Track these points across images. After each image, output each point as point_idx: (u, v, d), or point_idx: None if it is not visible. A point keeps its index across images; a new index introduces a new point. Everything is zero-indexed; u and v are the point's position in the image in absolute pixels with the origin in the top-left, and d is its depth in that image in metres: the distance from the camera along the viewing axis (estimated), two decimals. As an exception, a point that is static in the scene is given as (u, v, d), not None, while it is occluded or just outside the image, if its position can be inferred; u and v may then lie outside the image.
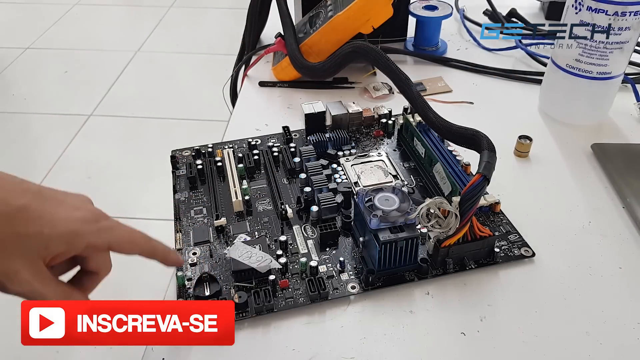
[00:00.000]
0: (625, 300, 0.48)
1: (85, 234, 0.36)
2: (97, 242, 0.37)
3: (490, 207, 0.56)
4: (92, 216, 0.37)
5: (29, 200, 0.35)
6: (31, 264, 0.34)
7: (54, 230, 0.35)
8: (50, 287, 0.36)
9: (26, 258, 0.34)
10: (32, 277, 0.34)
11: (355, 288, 0.48)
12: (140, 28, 2.56)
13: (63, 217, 0.35)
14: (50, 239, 0.35)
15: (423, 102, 0.56)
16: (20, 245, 0.34)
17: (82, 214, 0.37)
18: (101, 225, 0.37)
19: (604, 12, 0.60)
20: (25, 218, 0.34)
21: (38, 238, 0.34)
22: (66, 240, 0.35)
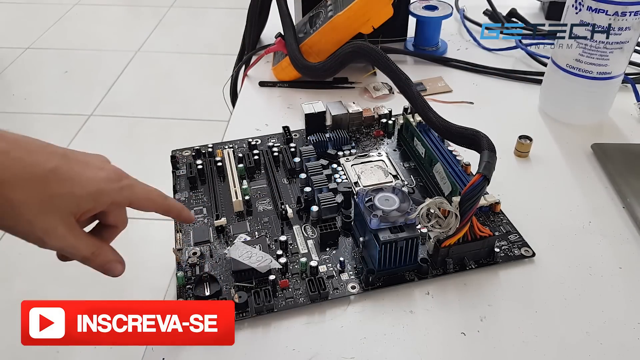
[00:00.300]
0: (625, 300, 0.48)
1: (109, 192, 0.39)
2: (120, 199, 0.40)
3: (491, 207, 0.56)
4: (115, 176, 0.40)
5: (58, 163, 0.37)
6: (66, 220, 0.37)
7: (83, 190, 0.38)
8: (83, 240, 0.39)
9: (61, 215, 0.37)
10: (67, 232, 0.38)
11: (355, 288, 0.48)
12: (140, 28, 2.56)
13: (90, 178, 0.39)
14: (81, 198, 0.38)
15: (423, 102, 0.56)
16: (56, 205, 0.37)
17: (106, 173, 0.40)
18: (123, 183, 0.41)
19: (604, 12, 0.60)
20: (57, 179, 0.37)
21: (70, 197, 0.37)
22: (93, 198, 0.39)
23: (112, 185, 0.40)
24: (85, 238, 0.40)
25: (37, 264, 1.40)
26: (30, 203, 0.36)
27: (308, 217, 0.56)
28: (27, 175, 0.36)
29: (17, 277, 1.39)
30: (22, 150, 0.36)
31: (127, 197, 0.41)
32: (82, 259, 0.40)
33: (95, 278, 0.45)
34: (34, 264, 1.41)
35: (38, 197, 0.36)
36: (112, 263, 0.42)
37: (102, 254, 0.41)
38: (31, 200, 0.36)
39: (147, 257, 1.27)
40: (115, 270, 0.42)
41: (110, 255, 0.42)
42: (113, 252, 0.42)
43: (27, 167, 0.36)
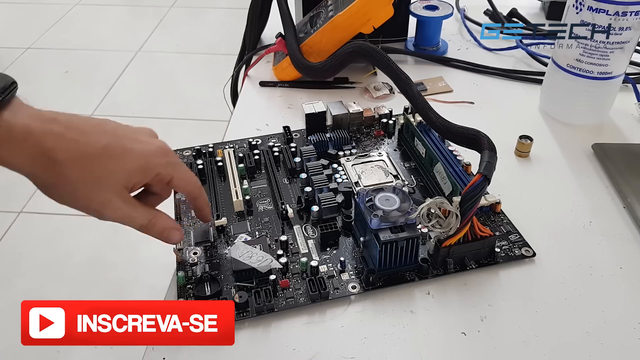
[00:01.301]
0: (625, 300, 0.48)
1: (156, 166, 0.42)
2: (164, 173, 0.43)
3: (491, 207, 0.56)
4: (161, 151, 0.43)
5: (109, 141, 0.40)
6: (120, 193, 0.40)
7: (133, 164, 0.41)
8: (138, 210, 0.42)
9: (116, 189, 0.40)
10: (123, 204, 0.41)
11: (355, 288, 0.48)
12: (141, 28, 2.57)
13: (139, 152, 0.41)
14: (131, 172, 0.41)
15: (424, 102, 0.56)
16: (110, 179, 0.40)
17: (154, 148, 0.43)
18: (169, 160, 0.44)
19: (605, 12, 0.60)
20: (110, 155, 0.40)
21: (122, 172, 0.40)
22: (142, 171, 0.42)
23: (159, 160, 0.42)
24: (141, 208, 0.42)
25: (37, 264, 1.40)
26: (86, 180, 0.39)
27: (308, 217, 0.56)
28: (81, 155, 0.38)
29: (17, 277, 1.39)
30: (76, 132, 0.39)
31: (170, 173, 0.43)
32: (139, 228, 0.43)
33: (95, 278, 0.46)
34: (34, 264, 1.41)
35: (93, 174, 0.39)
36: (170, 230, 0.44)
37: (159, 222, 0.44)
38: (87, 177, 0.39)
39: (147, 257, 1.27)
40: (173, 237, 0.45)
41: (167, 222, 0.45)
42: (169, 220, 0.45)
43: (81, 147, 0.38)
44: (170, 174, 0.43)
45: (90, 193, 0.39)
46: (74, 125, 0.39)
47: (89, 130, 0.40)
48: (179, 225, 0.45)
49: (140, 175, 0.42)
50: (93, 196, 0.39)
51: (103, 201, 0.40)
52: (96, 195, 0.39)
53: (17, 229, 1.51)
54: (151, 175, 0.42)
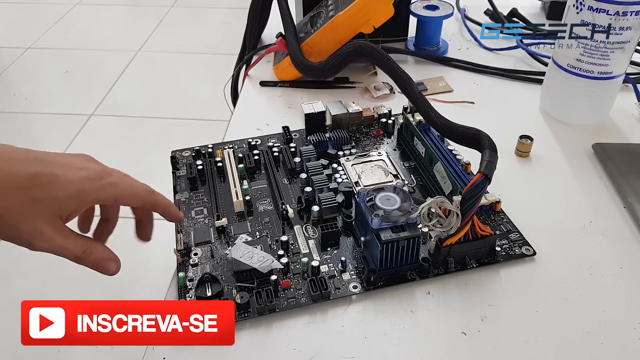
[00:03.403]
0: (626, 300, 0.48)
1: (90, 191, 0.40)
2: (103, 196, 0.41)
3: (491, 206, 0.56)
4: (95, 174, 0.41)
5: (38, 168, 0.38)
6: (51, 222, 0.38)
7: (65, 192, 0.39)
8: (72, 240, 0.40)
9: (46, 218, 0.38)
10: (53, 233, 0.38)
11: (357, 288, 0.48)
12: (141, 28, 2.57)
13: (70, 179, 0.39)
14: (63, 200, 0.39)
15: (424, 102, 0.56)
16: (39, 208, 0.38)
17: (86, 173, 0.40)
18: (105, 181, 0.41)
19: (605, 12, 0.60)
20: (38, 184, 0.38)
21: (52, 200, 0.38)
22: (75, 198, 0.39)
23: (93, 184, 0.40)
24: (74, 237, 0.40)
25: (37, 264, 1.40)
26: (13, 209, 0.37)
27: (309, 217, 0.56)
28: (8, 183, 0.37)
29: (17, 277, 1.39)
30: (3, 160, 0.37)
31: (110, 194, 0.41)
32: (74, 258, 0.40)
33: (95, 278, 0.45)
34: (34, 264, 1.41)
35: (21, 203, 0.37)
36: (106, 261, 0.42)
37: (94, 252, 0.41)
38: (14, 206, 0.37)
39: (148, 257, 1.27)
40: (109, 268, 0.42)
41: (103, 253, 0.42)
42: (105, 250, 0.43)
43: (8, 176, 0.37)
44: (111, 195, 0.41)
45: (17, 223, 0.37)
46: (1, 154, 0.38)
47: (18, 158, 0.38)
48: (115, 256, 0.43)
49: (75, 204, 0.40)
50: (21, 226, 0.37)
51: (33, 231, 0.38)
52: (24, 225, 0.38)
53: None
54: (88, 202, 0.41)
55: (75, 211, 0.40)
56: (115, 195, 0.42)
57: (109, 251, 0.43)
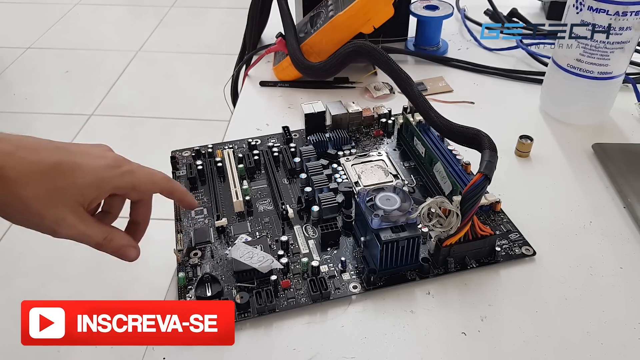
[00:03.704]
0: (626, 300, 0.48)
1: (110, 179, 0.42)
2: (122, 184, 0.43)
3: (491, 206, 0.56)
4: (114, 162, 0.42)
5: (59, 157, 0.40)
6: (73, 209, 0.40)
7: (85, 179, 0.40)
8: (94, 227, 0.41)
9: (69, 205, 0.40)
10: (76, 220, 0.40)
11: (357, 288, 0.48)
12: (141, 28, 2.57)
13: (90, 167, 0.41)
14: (83, 187, 0.40)
15: (424, 102, 0.56)
16: (62, 196, 0.39)
17: (106, 161, 0.42)
18: (124, 169, 0.43)
19: (605, 12, 0.60)
20: (61, 172, 0.39)
21: (74, 188, 0.40)
22: (96, 185, 0.41)
23: (112, 172, 0.42)
24: (97, 225, 0.42)
25: (37, 264, 1.40)
26: (38, 197, 0.38)
27: (309, 217, 0.56)
28: (32, 172, 0.38)
29: (17, 277, 1.39)
30: (26, 150, 0.39)
31: (129, 181, 0.43)
32: (95, 245, 0.42)
33: (95, 278, 0.46)
34: (34, 264, 1.41)
35: (45, 191, 0.38)
36: (126, 247, 0.44)
37: (115, 239, 0.43)
38: (39, 194, 0.38)
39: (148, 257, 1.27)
40: (129, 254, 0.44)
41: (124, 239, 0.44)
42: (126, 237, 0.44)
43: (32, 165, 0.38)
44: (129, 183, 0.43)
45: (42, 210, 0.39)
46: (24, 144, 0.39)
47: (40, 147, 0.40)
48: (135, 243, 0.45)
49: (95, 191, 0.41)
50: (46, 213, 0.39)
51: (56, 218, 0.39)
52: (49, 213, 0.39)
53: (17, 229, 1.50)
54: (108, 189, 0.42)
55: (95, 199, 0.42)
56: (133, 182, 0.43)
57: (128, 238, 0.44)
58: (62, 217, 0.39)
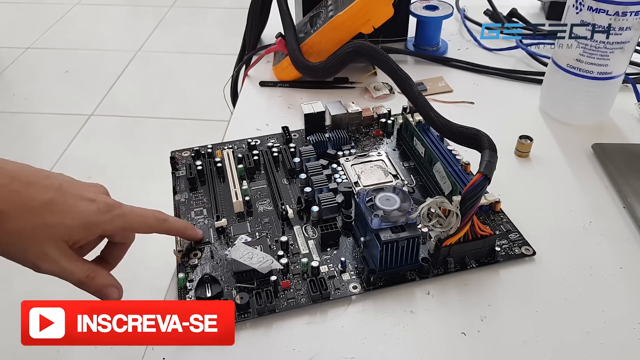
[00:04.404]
0: (625, 300, 0.48)
1: (100, 224, 0.42)
2: (111, 228, 0.44)
3: (491, 206, 0.56)
4: (105, 207, 0.43)
5: (52, 195, 0.40)
6: (58, 247, 0.40)
7: (74, 221, 0.41)
8: (76, 264, 0.42)
9: (54, 242, 0.40)
10: (60, 257, 0.40)
11: (357, 288, 0.48)
12: (141, 28, 2.57)
13: (81, 210, 0.41)
14: (72, 229, 0.41)
15: (424, 102, 0.56)
16: (48, 233, 0.40)
17: (97, 206, 0.42)
18: (114, 213, 0.43)
19: (605, 12, 0.60)
20: (51, 211, 0.40)
21: (62, 227, 0.40)
22: (84, 228, 0.42)
23: (102, 217, 0.42)
24: (80, 262, 0.42)
25: (37, 264, 1.40)
26: (24, 231, 0.39)
27: (308, 218, 0.56)
28: (22, 207, 0.39)
29: (17, 277, 1.39)
30: (20, 183, 0.39)
31: (119, 225, 0.44)
32: (77, 283, 0.42)
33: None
34: (34, 264, 1.41)
35: (32, 226, 0.39)
36: (108, 287, 0.44)
37: (97, 277, 0.43)
38: (25, 228, 0.39)
39: (147, 257, 1.27)
40: (111, 294, 0.44)
41: (106, 279, 0.44)
42: (108, 276, 0.45)
43: (23, 200, 0.39)
44: (119, 226, 0.44)
45: (27, 244, 0.39)
46: (20, 176, 0.39)
47: (35, 182, 0.40)
48: (118, 283, 0.45)
49: (83, 233, 0.42)
50: (30, 247, 0.39)
51: (39, 253, 0.40)
52: (33, 247, 0.39)
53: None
54: (95, 233, 0.43)
55: (83, 239, 0.42)
56: (123, 226, 0.44)
57: (111, 277, 0.45)
58: (44, 253, 0.40)
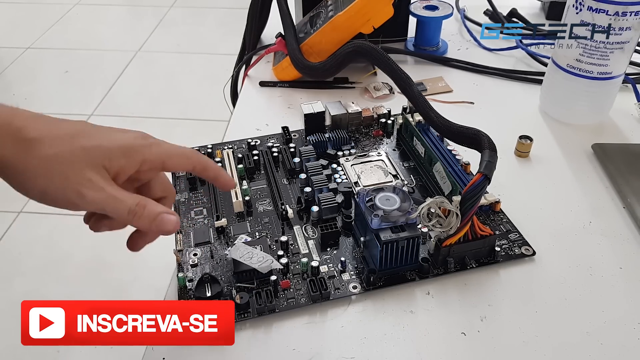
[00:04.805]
0: (625, 300, 0.48)
1: (138, 148, 0.38)
2: (151, 156, 0.39)
3: (491, 206, 0.56)
4: (141, 135, 0.40)
5: (85, 126, 0.38)
6: (100, 172, 0.36)
7: (112, 143, 0.37)
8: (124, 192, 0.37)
9: (95, 167, 0.36)
10: (104, 183, 0.36)
11: (356, 288, 0.48)
12: (141, 28, 2.56)
13: (118, 136, 0.38)
14: (111, 151, 0.37)
15: (424, 102, 0.56)
16: (88, 156, 0.36)
17: (133, 134, 0.39)
18: (152, 141, 0.40)
19: (605, 12, 0.60)
20: (87, 134, 0.37)
21: (100, 149, 0.37)
22: (123, 152, 0.37)
23: (141, 142, 0.39)
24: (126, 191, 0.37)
25: (37, 264, 1.40)
26: (62, 155, 0.35)
27: (308, 218, 0.56)
28: (56, 134, 0.36)
29: (17, 277, 1.39)
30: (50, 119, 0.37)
31: (158, 153, 0.39)
32: (127, 213, 0.37)
33: (95, 278, 0.45)
34: (34, 264, 1.41)
35: (69, 150, 0.36)
36: (163, 215, 0.38)
37: (149, 204, 0.38)
38: (63, 152, 0.35)
39: (147, 257, 1.27)
40: (167, 223, 0.38)
41: (159, 206, 0.38)
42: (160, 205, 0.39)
43: (56, 129, 0.36)
44: (158, 155, 0.39)
45: (67, 170, 0.35)
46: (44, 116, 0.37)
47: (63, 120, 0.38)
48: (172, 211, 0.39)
49: (123, 158, 0.37)
50: (71, 173, 0.35)
51: (82, 180, 0.35)
52: (74, 173, 0.35)
53: (17, 229, 1.51)
54: (137, 160, 0.38)
55: (123, 169, 0.37)
56: (162, 155, 0.39)
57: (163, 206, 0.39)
58: (88, 178, 0.35)
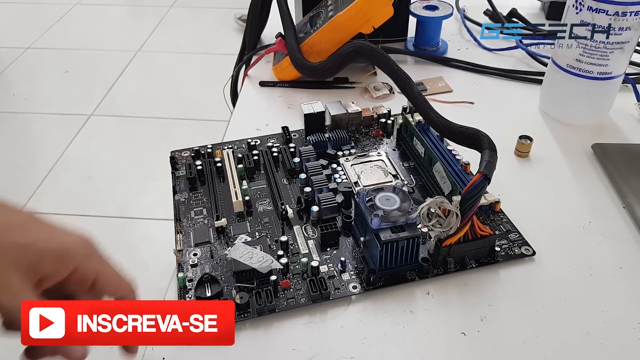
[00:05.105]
0: (625, 300, 0.48)
1: (75, 256, 0.35)
2: (86, 268, 0.36)
3: (490, 206, 0.56)
4: (83, 243, 0.36)
5: (27, 219, 0.35)
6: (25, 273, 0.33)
7: (47, 244, 0.34)
8: None
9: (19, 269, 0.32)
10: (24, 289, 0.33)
11: (356, 288, 0.48)
12: (141, 28, 2.57)
13: (57, 236, 0.35)
14: (44, 253, 0.33)
15: (424, 102, 0.56)
16: (17, 254, 0.32)
17: (76, 238, 0.36)
18: (93, 252, 0.37)
19: (605, 12, 0.60)
20: (26, 229, 0.34)
21: (32, 249, 0.33)
22: (58, 256, 0.34)
23: (80, 250, 0.36)
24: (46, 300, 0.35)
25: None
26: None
27: (308, 217, 0.56)
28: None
29: (17, 277, 1.39)
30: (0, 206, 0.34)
31: (94, 268, 0.37)
32: None
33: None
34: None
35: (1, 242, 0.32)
36: None
37: None
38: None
39: (147, 257, 1.27)
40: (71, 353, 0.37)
41: None
42: None
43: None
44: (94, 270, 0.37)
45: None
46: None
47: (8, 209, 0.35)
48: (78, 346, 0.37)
49: (55, 263, 0.34)
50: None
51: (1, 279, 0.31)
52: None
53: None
54: (69, 267, 0.35)
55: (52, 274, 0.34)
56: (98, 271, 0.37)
57: None
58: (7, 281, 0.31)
